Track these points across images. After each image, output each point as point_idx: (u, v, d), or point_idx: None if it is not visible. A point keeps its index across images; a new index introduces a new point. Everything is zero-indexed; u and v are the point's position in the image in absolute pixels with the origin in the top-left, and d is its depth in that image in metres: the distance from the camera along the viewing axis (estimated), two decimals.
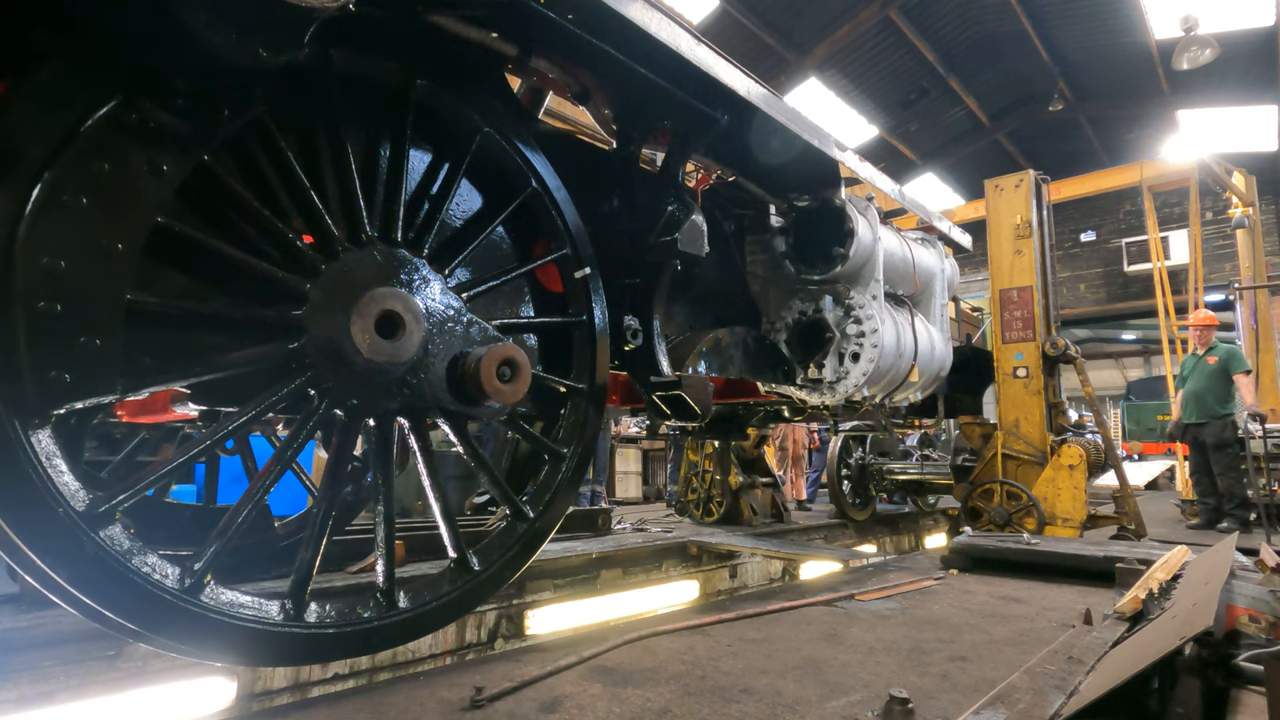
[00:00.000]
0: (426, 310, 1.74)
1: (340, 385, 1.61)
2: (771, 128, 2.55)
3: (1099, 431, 5.53)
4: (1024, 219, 5.63)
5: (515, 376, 1.80)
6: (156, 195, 1.40)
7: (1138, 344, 22.47)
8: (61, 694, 2.24)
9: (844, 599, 3.01)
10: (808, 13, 11.80)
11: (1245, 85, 12.55)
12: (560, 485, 2.11)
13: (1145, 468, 13.57)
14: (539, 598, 3.77)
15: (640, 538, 4.93)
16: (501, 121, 2.03)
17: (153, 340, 1.46)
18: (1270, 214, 13.91)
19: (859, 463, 7.34)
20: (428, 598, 1.77)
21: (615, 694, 1.81)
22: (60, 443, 1.28)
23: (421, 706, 1.71)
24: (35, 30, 1.32)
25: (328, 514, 1.64)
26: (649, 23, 1.93)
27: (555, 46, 2.08)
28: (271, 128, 1.59)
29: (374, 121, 1.85)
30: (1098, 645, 1.78)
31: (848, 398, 3.50)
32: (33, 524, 1.22)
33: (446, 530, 1.87)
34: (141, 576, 1.32)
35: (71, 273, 1.29)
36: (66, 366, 1.28)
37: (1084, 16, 12.29)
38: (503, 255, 2.24)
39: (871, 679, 1.96)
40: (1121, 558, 3.22)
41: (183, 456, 1.48)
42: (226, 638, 1.42)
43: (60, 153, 1.28)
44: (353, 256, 1.67)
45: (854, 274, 3.35)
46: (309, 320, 1.57)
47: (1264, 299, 10.22)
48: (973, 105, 15.00)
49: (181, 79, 1.42)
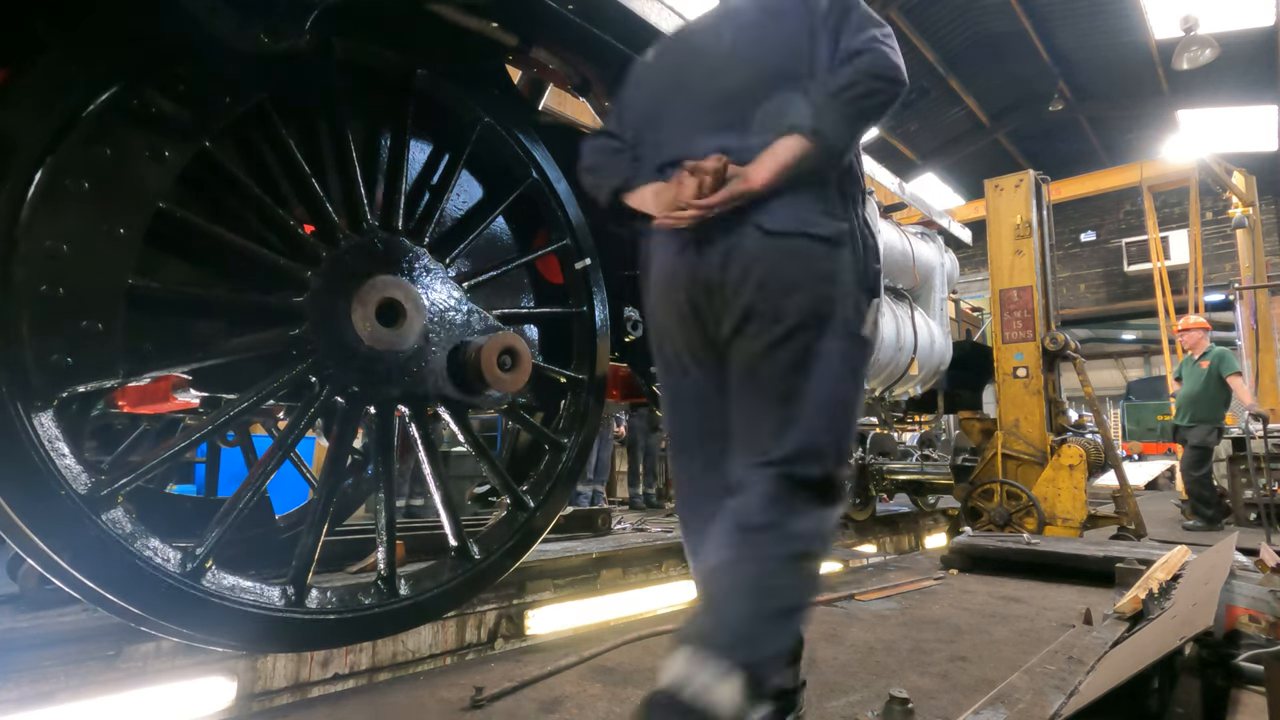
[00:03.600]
0: (427, 299, 1.75)
1: (341, 372, 1.61)
2: None
3: (1099, 431, 5.52)
4: (1024, 219, 5.63)
5: (516, 366, 1.80)
6: (158, 181, 1.41)
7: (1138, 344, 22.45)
8: (61, 694, 2.23)
9: (844, 599, 3.01)
10: None
11: (1245, 85, 12.56)
12: (561, 475, 2.11)
13: (1145, 468, 13.56)
14: (539, 598, 3.76)
15: (640, 538, 4.92)
16: (502, 112, 2.04)
17: (154, 326, 1.46)
18: (1270, 214, 13.92)
19: (858, 462, 7.33)
20: (428, 585, 1.78)
21: (615, 694, 1.81)
22: (63, 426, 1.28)
23: (421, 706, 1.70)
24: (36, 16, 1.32)
25: (329, 501, 1.65)
26: (649, 12, 1.94)
27: (556, 37, 2.08)
28: (273, 115, 1.59)
29: (375, 110, 1.85)
30: (1098, 645, 1.77)
31: None
32: (35, 507, 1.23)
33: (447, 518, 1.87)
34: (143, 560, 1.32)
35: (73, 257, 1.30)
36: (68, 350, 1.29)
37: (1084, 16, 12.30)
38: (503, 246, 2.24)
39: (871, 679, 1.96)
40: (1121, 558, 3.22)
41: (185, 440, 1.48)
42: (228, 622, 1.43)
43: (62, 138, 1.29)
44: (354, 244, 1.68)
45: None
46: (310, 307, 1.58)
47: (1264, 299, 10.22)
48: (973, 105, 15.01)
49: (183, 65, 1.43)
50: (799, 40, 1.39)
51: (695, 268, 1.32)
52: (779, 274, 1.26)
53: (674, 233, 1.33)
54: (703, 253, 1.31)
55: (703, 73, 1.47)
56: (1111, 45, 12.81)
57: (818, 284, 1.28)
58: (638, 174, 1.45)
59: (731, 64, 1.45)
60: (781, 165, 1.26)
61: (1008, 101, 15.33)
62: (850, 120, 1.31)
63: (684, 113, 1.45)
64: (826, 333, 1.27)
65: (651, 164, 1.44)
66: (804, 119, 1.28)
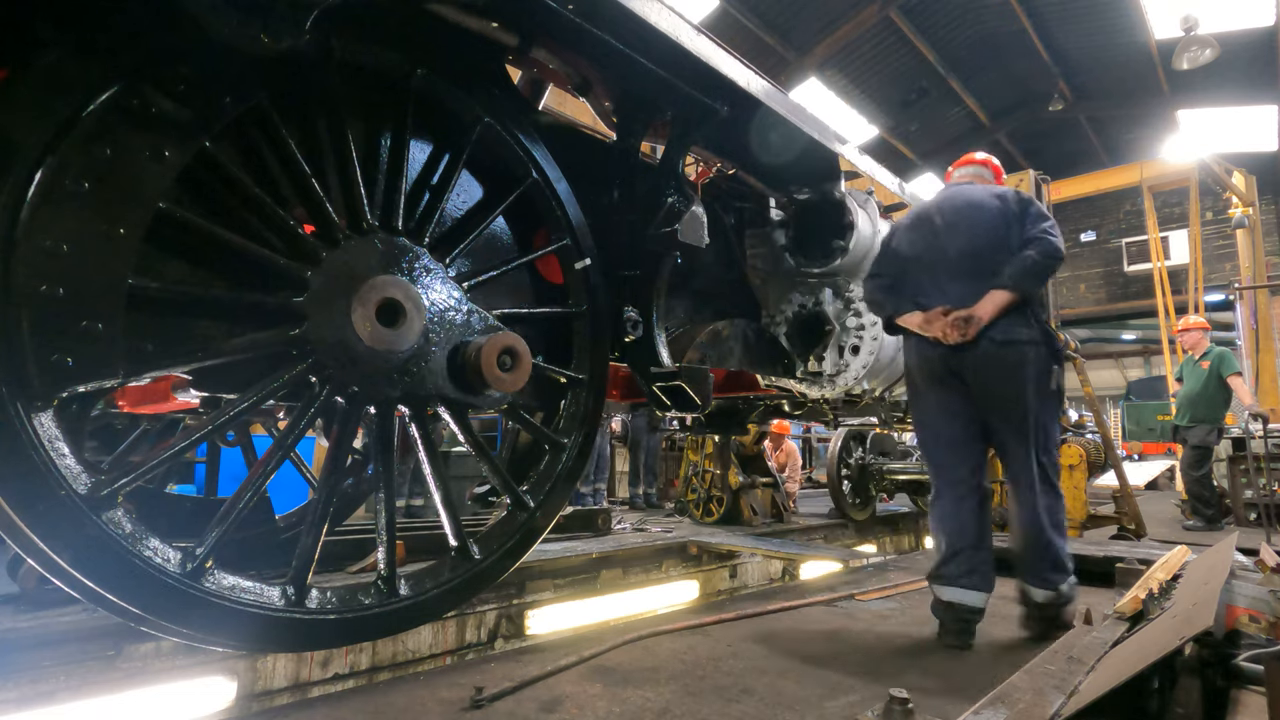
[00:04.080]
0: (427, 299, 1.75)
1: (341, 372, 1.61)
2: (771, 120, 2.55)
3: (1099, 431, 5.52)
4: None
5: (516, 366, 1.80)
6: (158, 181, 1.40)
7: (1138, 344, 22.45)
8: (61, 694, 2.24)
9: (844, 599, 3.01)
10: (808, 13, 11.81)
11: (1245, 85, 12.56)
12: (560, 475, 2.11)
13: (1145, 468, 13.54)
14: (539, 598, 3.77)
15: (640, 538, 4.93)
16: (502, 112, 2.03)
17: (154, 326, 1.46)
18: (1270, 214, 13.91)
19: (859, 462, 7.33)
20: (428, 585, 1.78)
21: (615, 694, 1.81)
22: (63, 426, 1.28)
23: (421, 706, 1.70)
24: (37, 15, 1.32)
25: (329, 501, 1.65)
26: (649, 13, 1.93)
27: (556, 36, 2.08)
28: (273, 115, 1.59)
29: (375, 110, 1.85)
30: (1098, 645, 1.77)
31: (847, 391, 3.50)
32: (35, 507, 1.22)
33: (447, 518, 1.87)
34: (143, 560, 1.32)
35: (73, 257, 1.30)
36: (68, 350, 1.29)
37: (1084, 16, 12.30)
38: (503, 246, 2.24)
39: (871, 679, 1.96)
40: (1121, 558, 3.22)
41: (186, 440, 1.48)
42: (227, 622, 1.42)
43: (62, 138, 1.29)
44: (354, 245, 1.68)
45: (854, 267, 3.35)
46: (310, 307, 1.58)
47: (1264, 299, 10.22)
48: (973, 105, 15.01)
49: (183, 65, 1.42)
50: (999, 227, 2.46)
51: (948, 360, 2.42)
52: (1004, 362, 2.36)
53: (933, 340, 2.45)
54: (955, 352, 2.40)
55: (939, 242, 2.53)
56: (1111, 45, 12.81)
57: (1027, 366, 2.36)
58: (902, 304, 2.55)
59: (956, 238, 2.50)
60: (997, 307, 2.35)
61: (1008, 101, 15.33)
62: (1032, 280, 2.38)
63: (928, 267, 2.53)
64: (1038, 390, 2.38)
65: (911, 297, 2.53)
66: (1005, 279, 2.36)
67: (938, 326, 2.38)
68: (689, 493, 6.62)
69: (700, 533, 5.41)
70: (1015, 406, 2.36)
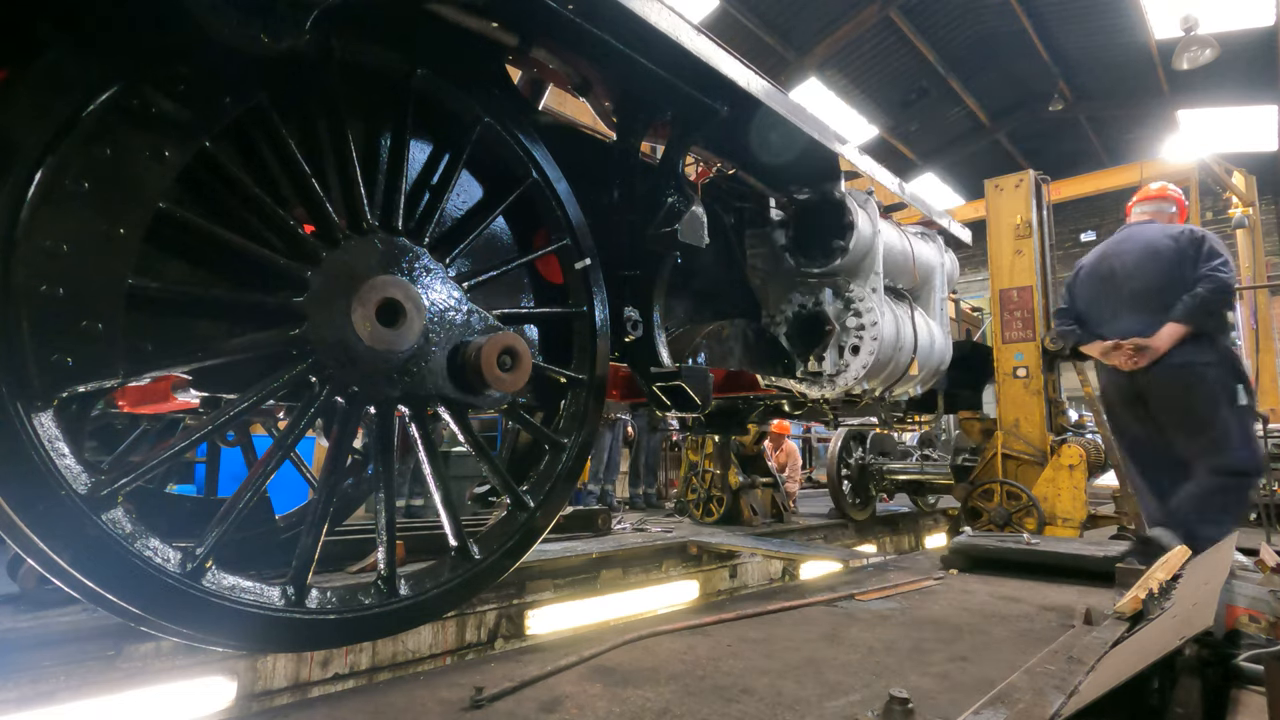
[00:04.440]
0: (427, 299, 1.75)
1: (341, 372, 1.61)
2: (771, 120, 2.55)
3: (1099, 431, 5.52)
4: (1024, 219, 5.63)
5: (516, 366, 1.80)
6: (158, 181, 1.40)
7: None
8: (61, 694, 2.24)
9: (844, 599, 3.00)
10: (808, 13, 11.82)
11: (1245, 85, 12.57)
12: (560, 475, 2.11)
13: None
14: (539, 598, 3.77)
15: (640, 538, 4.93)
16: (502, 112, 2.03)
17: (154, 326, 1.46)
18: (1270, 214, 13.92)
19: (859, 462, 7.33)
20: (428, 585, 1.78)
21: (615, 694, 1.80)
22: (63, 426, 1.28)
23: (421, 706, 1.70)
24: (37, 15, 1.32)
25: (328, 501, 1.65)
26: (649, 13, 1.93)
27: (555, 36, 2.08)
28: (273, 115, 1.59)
29: (375, 110, 1.85)
30: (1098, 645, 1.76)
31: (847, 391, 3.50)
32: (35, 506, 1.22)
33: (447, 518, 1.87)
34: (143, 560, 1.32)
35: (73, 257, 1.30)
36: (68, 350, 1.29)
37: (1084, 16, 12.31)
38: (503, 246, 2.24)
39: (871, 679, 1.96)
40: (1122, 557, 3.21)
41: (186, 440, 1.48)
42: (227, 622, 1.42)
43: (62, 138, 1.29)
44: (354, 245, 1.68)
45: (854, 267, 3.36)
46: (310, 307, 1.58)
47: (1264, 299, 10.22)
48: (973, 105, 15.02)
49: (183, 65, 1.42)
50: (1173, 267, 3.07)
51: (1134, 381, 3.13)
52: (1176, 383, 3.02)
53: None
54: (1136, 375, 3.10)
55: (1117, 281, 3.25)
56: (1111, 45, 12.81)
57: (1200, 386, 2.98)
58: (1086, 335, 3.35)
59: (1133, 278, 3.19)
60: (1172, 338, 2.97)
61: (1008, 101, 15.34)
62: (1204, 315, 2.97)
63: (1109, 304, 3.28)
64: (1221, 405, 2.97)
65: (1094, 329, 3.32)
66: (1179, 314, 2.97)
67: (1116, 356, 3.11)
68: (689, 492, 6.62)
69: (700, 533, 5.41)
70: (1188, 419, 3.04)
